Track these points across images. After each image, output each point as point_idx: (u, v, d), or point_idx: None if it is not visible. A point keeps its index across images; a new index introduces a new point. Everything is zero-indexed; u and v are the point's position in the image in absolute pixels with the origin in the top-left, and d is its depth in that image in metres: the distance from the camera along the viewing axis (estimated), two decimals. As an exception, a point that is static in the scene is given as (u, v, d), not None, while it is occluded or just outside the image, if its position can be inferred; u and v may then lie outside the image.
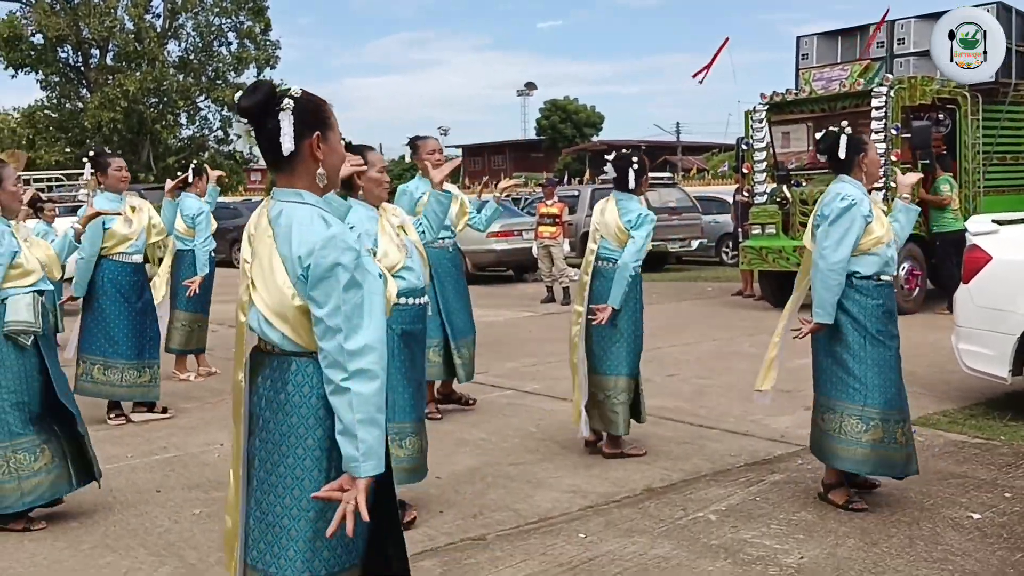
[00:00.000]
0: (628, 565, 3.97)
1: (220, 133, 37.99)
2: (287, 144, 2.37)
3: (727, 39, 16.08)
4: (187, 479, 5.28)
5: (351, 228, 2.47)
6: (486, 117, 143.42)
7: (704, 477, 5.16)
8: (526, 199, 20.61)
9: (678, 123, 49.82)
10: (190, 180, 7.85)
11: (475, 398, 6.90)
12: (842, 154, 4.66)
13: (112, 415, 6.60)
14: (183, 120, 37.72)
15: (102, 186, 6.48)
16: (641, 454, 5.55)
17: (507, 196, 8.69)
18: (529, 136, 58.20)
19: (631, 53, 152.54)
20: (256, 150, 2.57)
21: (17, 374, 4.48)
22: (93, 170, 6.52)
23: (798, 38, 13.76)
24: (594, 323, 5.40)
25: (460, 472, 5.30)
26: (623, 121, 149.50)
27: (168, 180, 6.98)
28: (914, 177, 5.01)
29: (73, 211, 13.22)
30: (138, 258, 6.52)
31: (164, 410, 6.78)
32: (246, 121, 2.42)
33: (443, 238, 6.32)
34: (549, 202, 13.80)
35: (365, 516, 2.23)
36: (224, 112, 37.26)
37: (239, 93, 2.40)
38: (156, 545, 4.27)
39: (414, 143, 6.36)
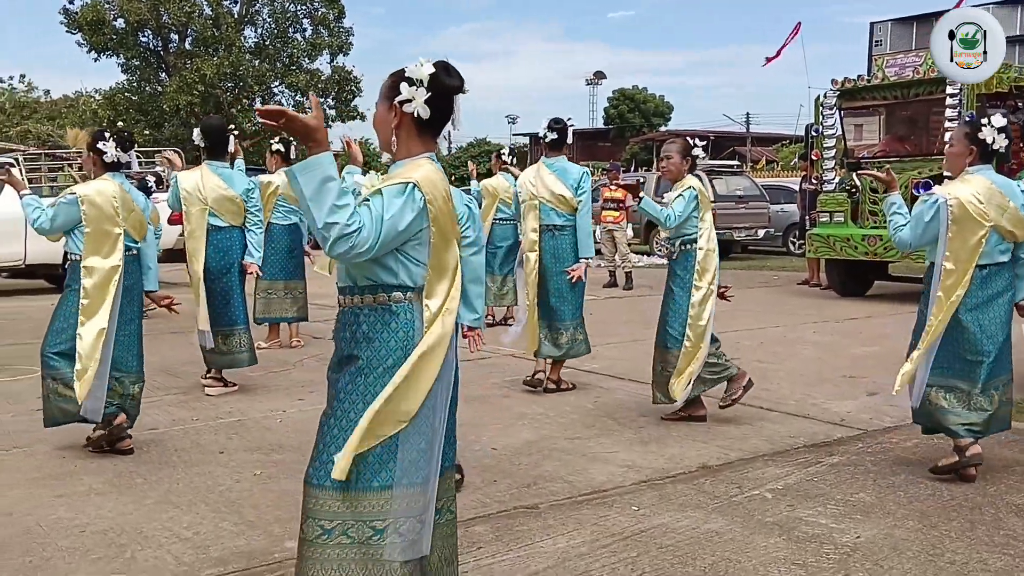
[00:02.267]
0: (680, 538, 3.96)
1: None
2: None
3: (799, 24, 15.85)
4: (249, 442, 5.40)
5: None
6: (554, 106, 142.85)
7: (762, 457, 5.11)
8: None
9: (748, 114, 48.85)
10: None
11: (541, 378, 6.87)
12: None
13: (211, 379, 6.74)
14: (257, 104, 38.37)
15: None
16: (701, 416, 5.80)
17: None
18: (597, 125, 57.94)
19: (702, 43, 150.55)
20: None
21: None
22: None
23: (872, 24, 13.63)
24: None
25: (516, 445, 5.33)
26: (692, 111, 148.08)
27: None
28: None
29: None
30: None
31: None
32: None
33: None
34: (613, 187, 13.74)
35: None
36: (297, 97, 37.82)
37: (437, 71, 2.60)
38: (217, 502, 4.38)
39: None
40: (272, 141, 8.80)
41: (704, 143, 5.83)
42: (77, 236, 5.03)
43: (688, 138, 5.89)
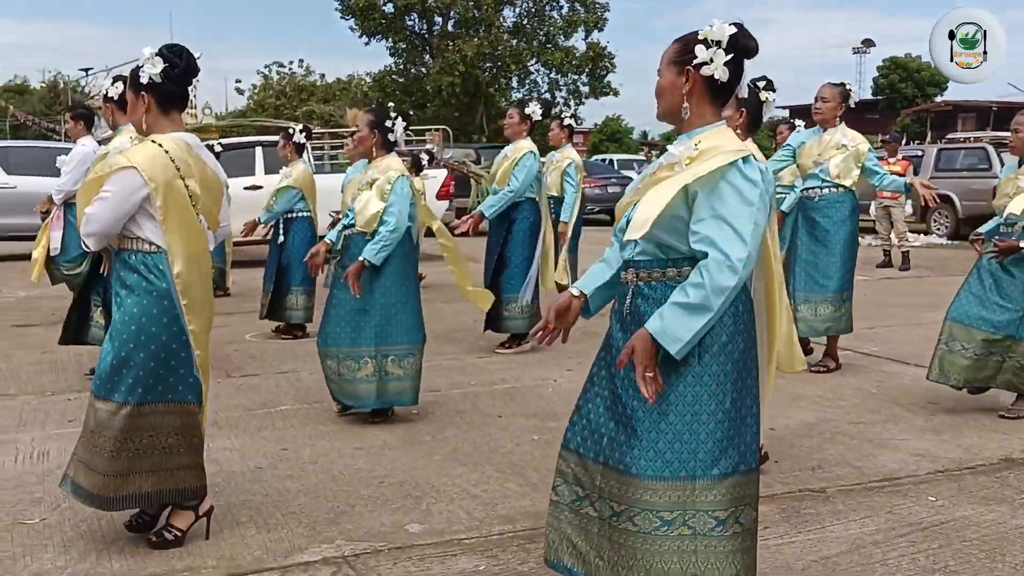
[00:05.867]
0: (986, 533, 3.67)
1: (547, 96, 39.20)
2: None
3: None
4: (525, 408, 5.55)
5: None
6: (818, 77, 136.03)
7: (1076, 453, 4.65)
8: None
9: (1038, 82, 44.44)
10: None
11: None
12: None
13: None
14: (514, 83, 39.32)
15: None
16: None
17: None
18: (864, 96, 54.82)
19: (987, 5, 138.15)
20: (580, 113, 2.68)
21: None
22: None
23: None
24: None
25: (794, 426, 5.14)
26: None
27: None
28: None
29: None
30: None
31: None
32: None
33: None
34: (892, 160, 12.94)
35: None
36: (552, 75, 38.41)
37: (737, 36, 2.52)
38: (501, 464, 4.53)
39: None
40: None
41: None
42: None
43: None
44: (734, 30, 2.52)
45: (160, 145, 3.37)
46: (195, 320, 3.42)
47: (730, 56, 2.51)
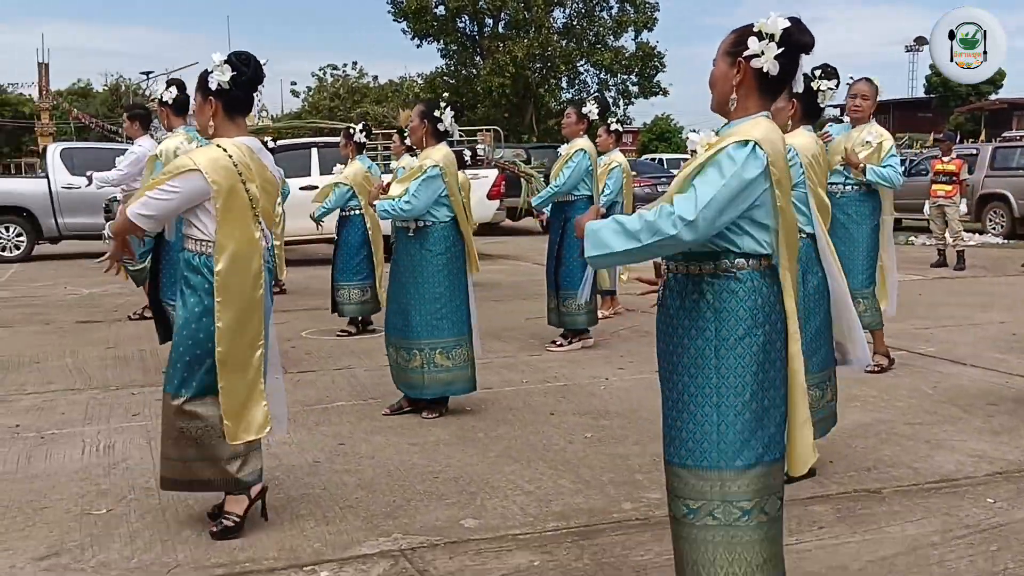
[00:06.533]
0: (1048, 536, 3.63)
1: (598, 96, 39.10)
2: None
3: None
4: (577, 406, 5.58)
5: None
6: (868, 74, 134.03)
7: None
8: (915, 157, 19.15)
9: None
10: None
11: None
12: None
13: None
14: (564, 84, 39.32)
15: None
16: None
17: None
18: (917, 95, 53.89)
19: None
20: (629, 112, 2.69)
21: None
22: None
23: None
24: None
25: (849, 427, 5.09)
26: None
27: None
28: None
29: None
30: None
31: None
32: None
33: None
34: (946, 159, 12.74)
35: None
36: (601, 75, 38.32)
37: (790, 25, 2.53)
38: (554, 460, 4.57)
39: None
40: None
41: None
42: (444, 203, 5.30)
43: None
44: (788, 24, 2.52)
45: (224, 149, 3.51)
46: (223, 316, 3.52)
47: (782, 50, 2.52)
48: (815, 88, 4.25)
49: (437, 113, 5.29)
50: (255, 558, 3.46)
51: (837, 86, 4.42)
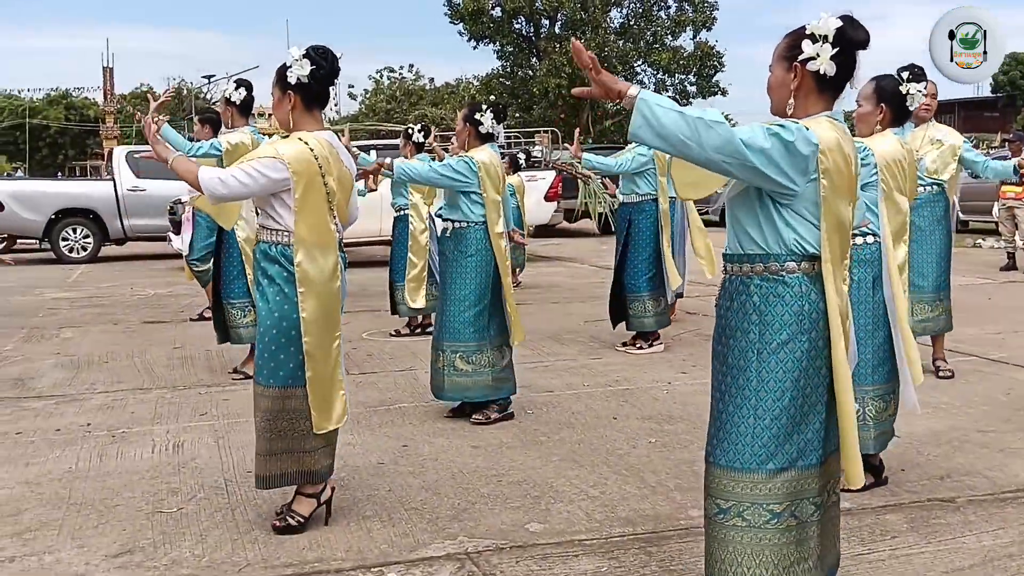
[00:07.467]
0: None
1: (657, 96, 38.80)
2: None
3: None
4: (640, 410, 5.54)
5: None
6: (933, 74, 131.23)
7: None
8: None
9: None
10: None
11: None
12: None
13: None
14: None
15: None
16: None
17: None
18: (983, 94, 52.68)
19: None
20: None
21: None
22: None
23: None
24: None
25: (921, 434, 4.99)
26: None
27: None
28: None
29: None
30: None
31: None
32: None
33: None
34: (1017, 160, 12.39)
35: None
36: (659, 76, 38.04)
37: (843, 24, 2.50)
38: (618, 465, 4.54)
39: None
40: None
41: None
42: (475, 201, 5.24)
43: None
44: (839, 23, 2.49)
45: (306, 143, 3.58)
46: (307, 307, 3.57)
47: (837, 49, 2.49)
48: (904, 92, 4.16)
49: (478, 116, 5.34)
50: (323, 558, 3.49)
51: (926, 88, 4.32)
